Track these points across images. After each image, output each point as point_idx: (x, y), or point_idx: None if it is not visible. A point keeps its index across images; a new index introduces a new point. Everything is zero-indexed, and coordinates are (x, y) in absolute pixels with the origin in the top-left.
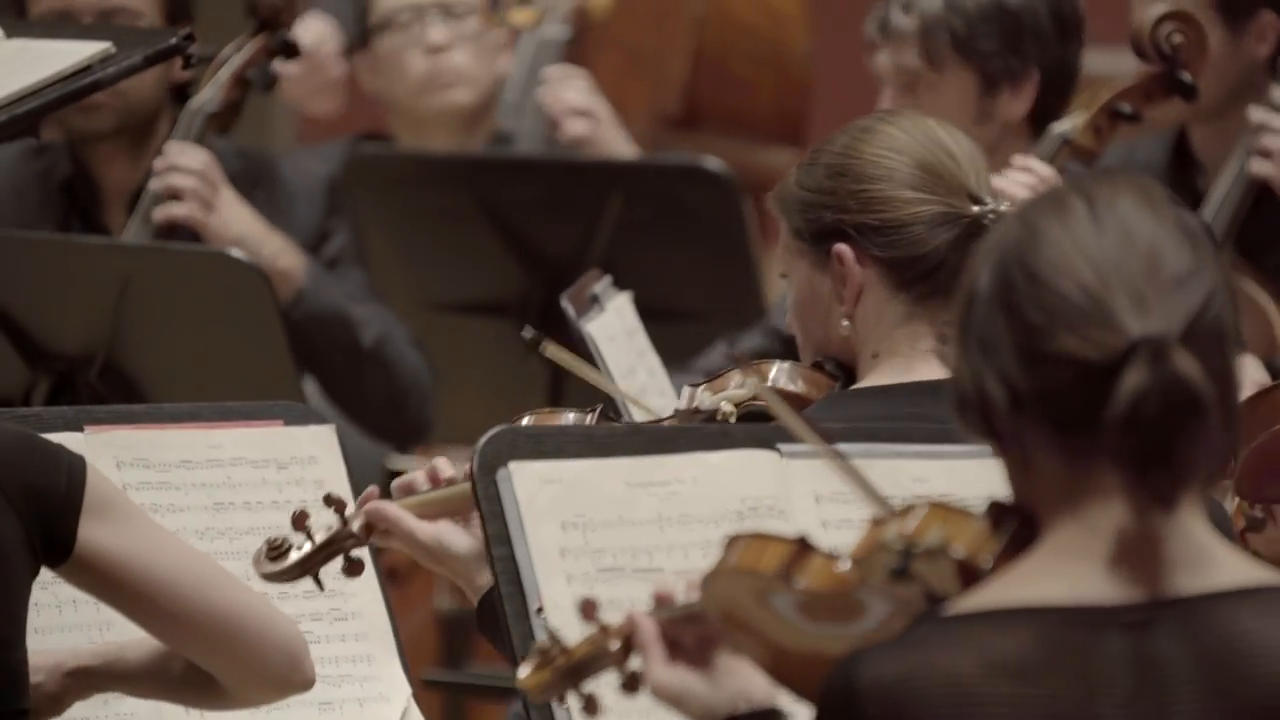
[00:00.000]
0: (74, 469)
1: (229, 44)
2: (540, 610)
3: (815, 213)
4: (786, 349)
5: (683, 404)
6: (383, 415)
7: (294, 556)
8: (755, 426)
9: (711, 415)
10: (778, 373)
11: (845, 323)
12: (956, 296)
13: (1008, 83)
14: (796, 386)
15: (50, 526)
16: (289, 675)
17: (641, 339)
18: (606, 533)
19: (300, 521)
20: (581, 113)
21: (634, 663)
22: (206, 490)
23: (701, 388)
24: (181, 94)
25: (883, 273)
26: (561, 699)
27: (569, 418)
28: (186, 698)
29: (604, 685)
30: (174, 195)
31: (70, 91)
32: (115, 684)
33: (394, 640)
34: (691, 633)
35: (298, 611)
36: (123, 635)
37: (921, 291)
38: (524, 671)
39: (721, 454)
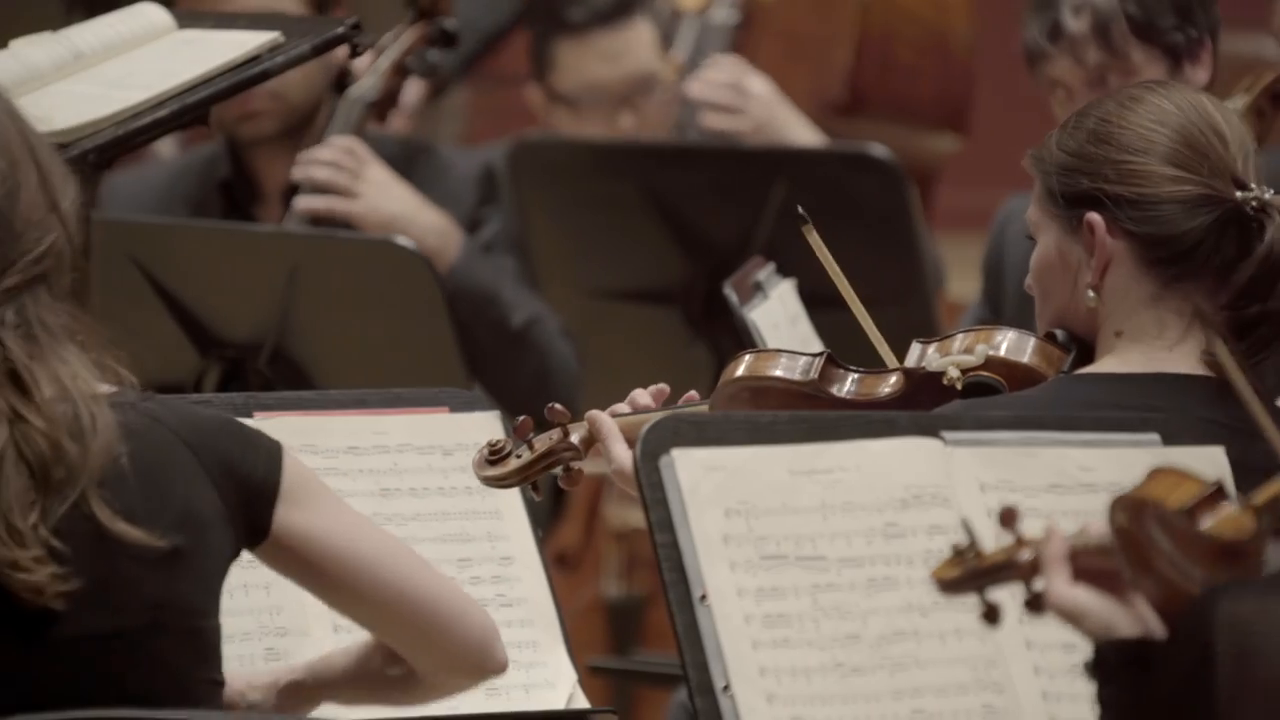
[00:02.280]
0: (272, 454)
1: (388, 33)
2: (704, 598)
3: (1072, 178)
4: None
5: (911, 361)
6: (527, 397)
7: (514, 463)
8: (919, 414)
9: (938, 376)
10: (1007, 341)
11: (1091, 294)
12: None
13: (1188, 56)
14: (1024, 358)
15: (248, 508)
16: (482, 661)
17: (805, 326)
18: (769, 520)
19: (522, 430)
20: (726, 109)
21: (1040, 583)
22: (373, 476)
23: (933, 347)
24: (340, 84)
25: (1133, 248)
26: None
27: (798, 361)
28: (391, 696)
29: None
30: (318, 188)
31: (239, 81)
32: (325, 692)
33: (559, 626)
34: (1097, 562)
35: None
36: (291, 620)
37: (1172, 273)
38: (938, 565)
39: (884, 441)
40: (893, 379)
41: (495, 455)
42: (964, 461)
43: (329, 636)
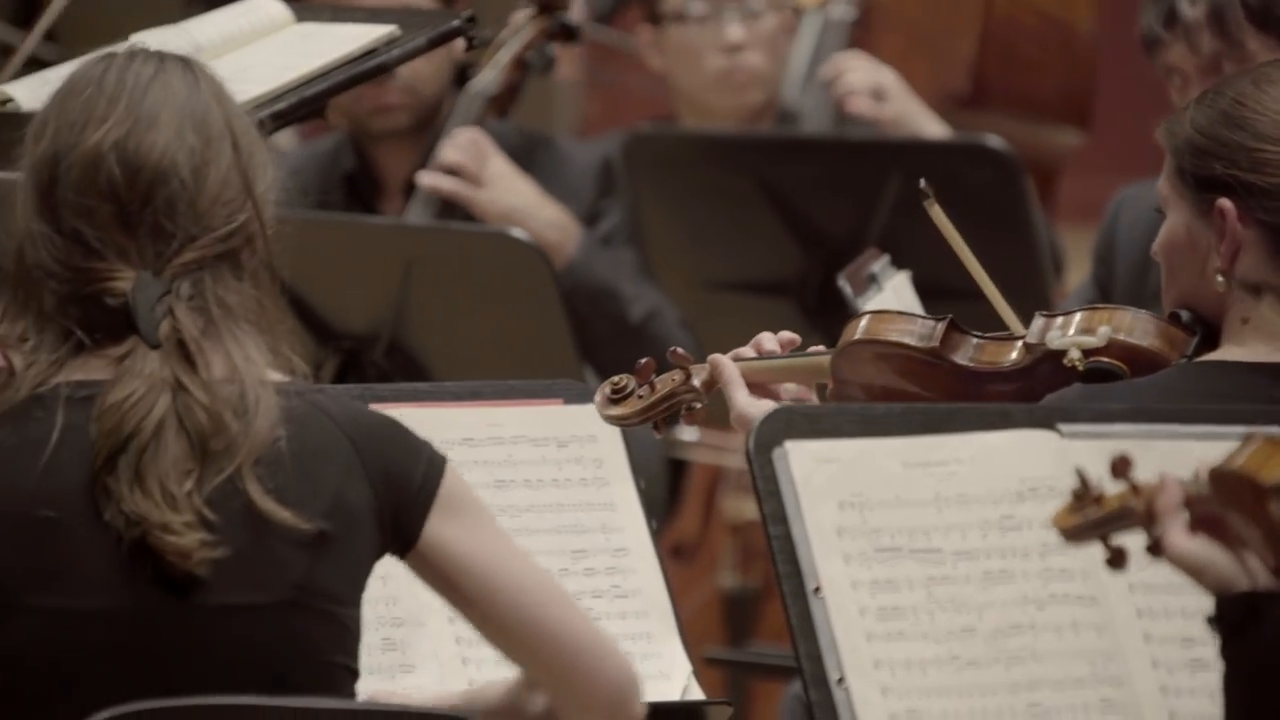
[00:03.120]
0: (433, 464)
1: (507, 26)
2: (818, 590)
3: (1203, 160)
4: None
5: (1033, 337)
6: None
7: (636, 403)
8: (1034, 407)
9: (1059, 355)
10: (1131, 323)
11: (1220, 279)
12: None
13: None
14: (1147, 340)
15: (400, 513)
16: (617, 708)
17: None
18: (884, 513)
19: (645, 371)
20: (875, 95)
21: (1159, 528)
22: (488, 468)
23: (1057, 321)
24: (461, 77)
25: (1265, 237)
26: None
27: (918, 324)
28: None
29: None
30: (445, 169)
31: (356, 74)
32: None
33: (674, 618)
34: (1212, 512)
35: (578, 589)
36: (407, 611)
37: None
38: (1058, 513)
39: (999, 434)
40: (1015, 349)
41: (618, 394)
42: (1080, 454)
43: (445, 628)
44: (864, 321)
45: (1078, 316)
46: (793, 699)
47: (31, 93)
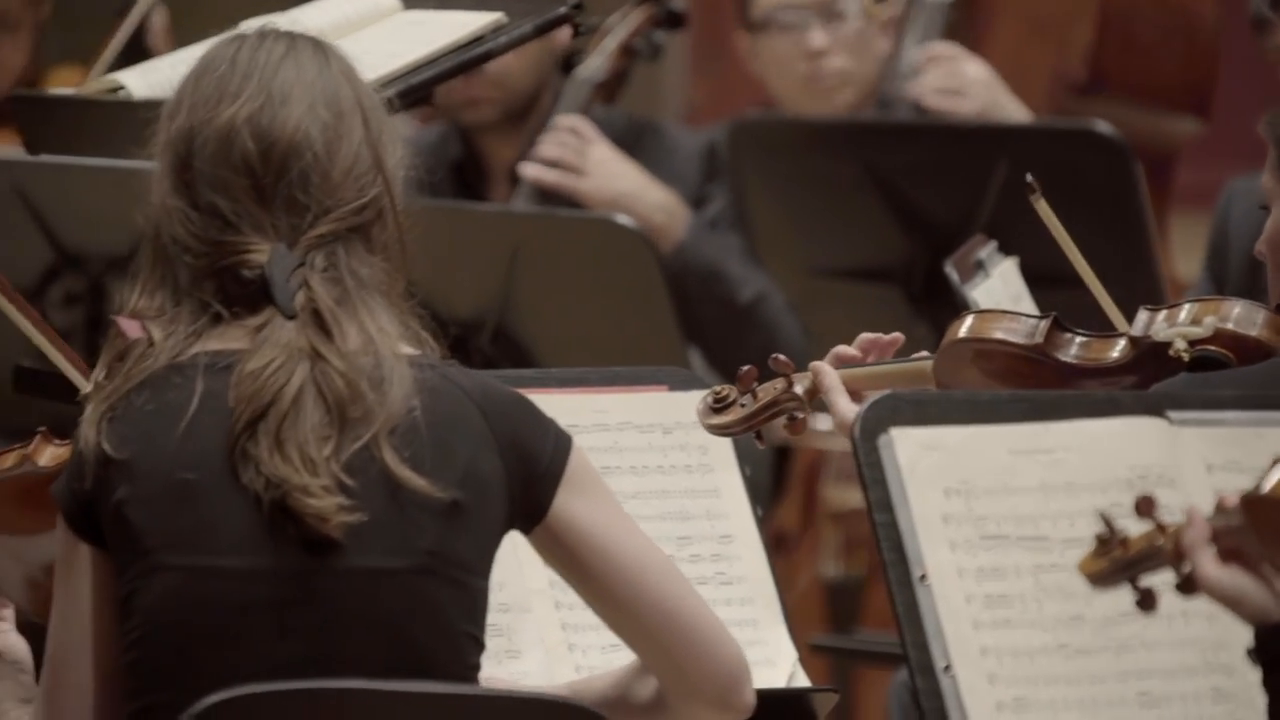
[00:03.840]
0: (561, 440)
1: (615, 13)
2: (924, 577)
3: None
4: None
5: (1137, 329)
6: None
7: (738, 412)
8: (1143, 394)
9: (1165, 346)
10: (1237, 313)
11: None
12: None
13: None
14: (1254, 330)
15: (529, 486)
16: (729, 695)
17: (1028, 304)
18: (990, 500)
19: (747, 379)
20: (951, 91)
21: (1188, 565)
22: (594, 455)
23: (1160, 315)
24: (567, 64)
25: None
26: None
27: (1024, 322)
28: None
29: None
30: (546, 162)
31: (463, 61)
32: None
33: (779, 604)
34: (1242, 543)
35: None
36: (513, 596)
37: None
38: (1083, 559)
39: (1107, 421)
40: (1119, 345)
41: (719, 403)
42: (1190, 442)
43: (550, 614)
44: (968, 320)
45: (1183, 309)
46: (900, 686)
47: (142, 79)
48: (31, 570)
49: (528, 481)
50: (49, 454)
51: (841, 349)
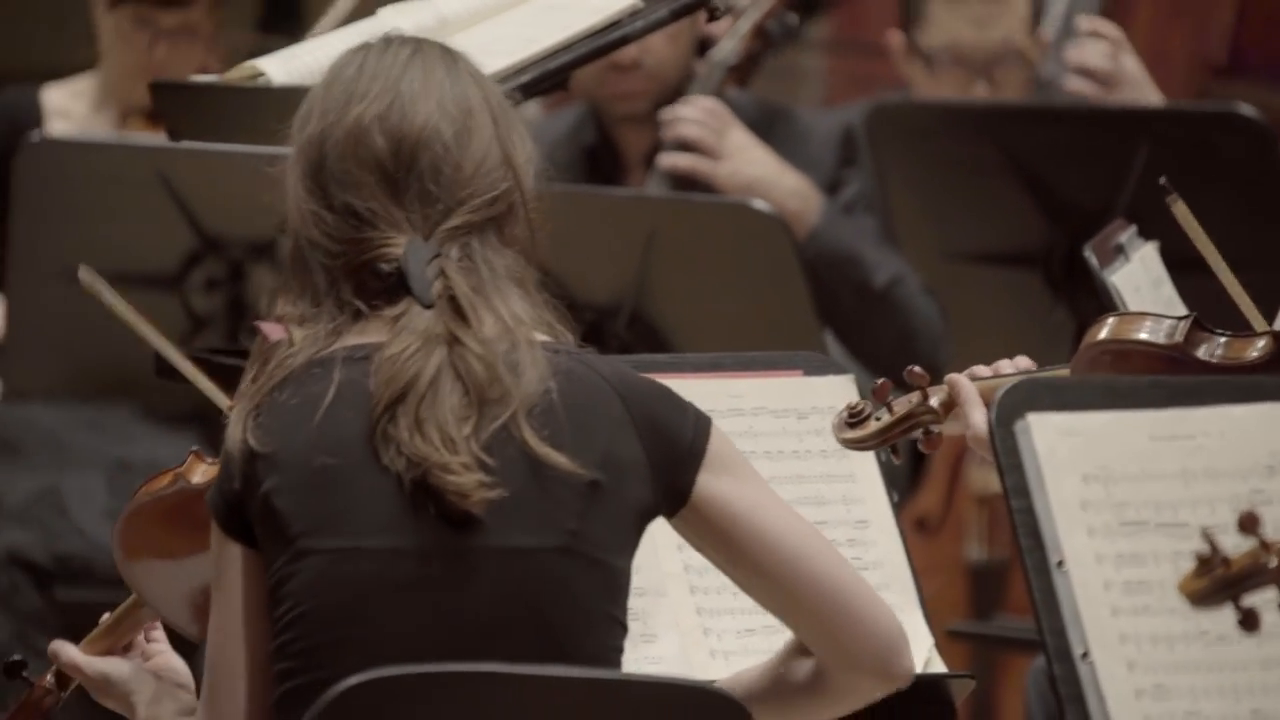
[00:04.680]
0: (700, 422)
1: None
2: (1062, 563)
3: None
4: None
5: None
6: (892, 357)
7: (873, 426)
8: None
9: None
10: None
11: None
12: None
13: None
14: None
15: (672, 469)
16: (887, 663)
17: (1168, 289)
18: (1129, 486)
19: (881, 393)
20: (1091, 73)
21: None
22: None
23: None
24: (701, 47)
25: None
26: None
27: (1164, 324)
28: (800, 703)
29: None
30: (682, 146)
31: (599, 46)
32: (746, 701)
33: (915, 590)
34: None
35: None
36: (648, 580)
37: None
38: (1184, 578)
39: (1249, 407)
40: (1261, 343)
41: (854, 418)
42: None
43: (686, 599)
44: (1109, 323)
45: None
46: (1037, 672)
47: (282, 66)
48: (192, 593)
49: (669, 464)
50: (201, 472)
51: (978, 368)
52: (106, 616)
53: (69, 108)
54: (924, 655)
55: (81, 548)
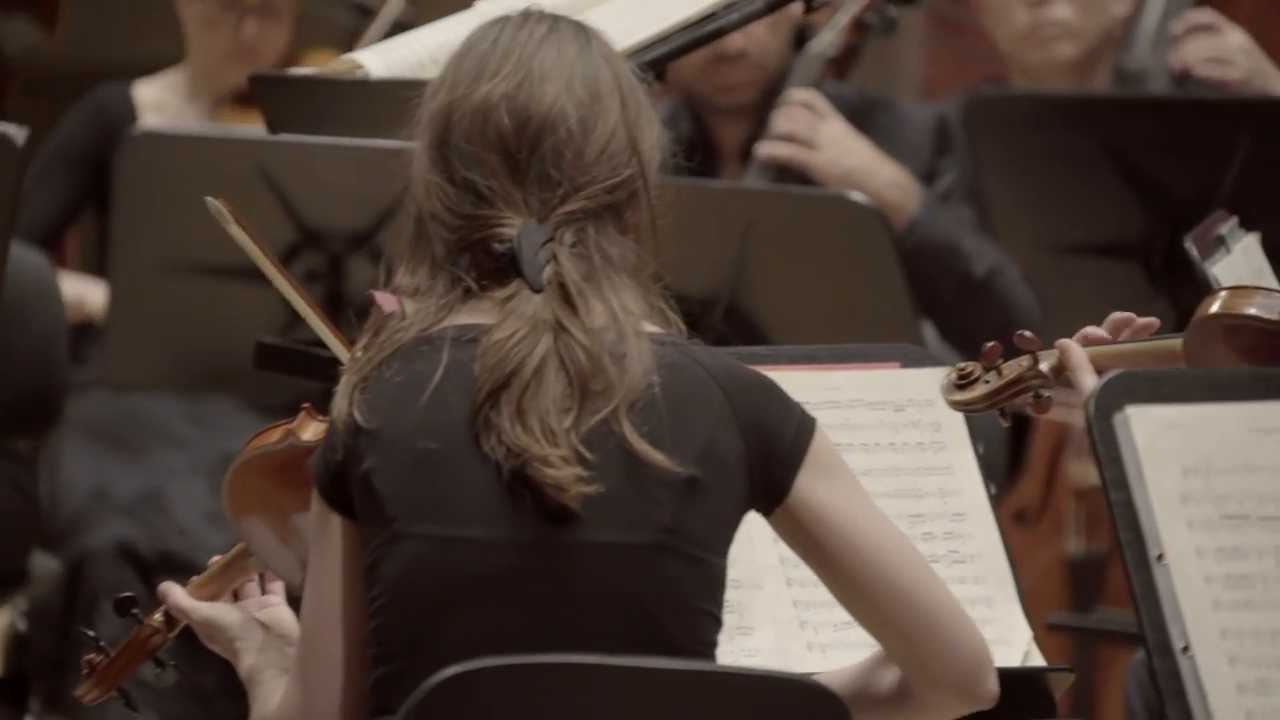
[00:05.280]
0: (805, 422)
1: None
2: (1161, 557)
3: None
4: None
5: None
6: None
7: (981, 388)
8: None
9: None
10: None
11: None
12: None
13: None
14: None
15: (771, 467)
16: (972, 683)
17: (1269, 280)
18: (1230, 479)
19: (991, 356)
20: (1216, 60)
21: None
22: (825, 431)
23: None
24: (799, 39)
25: None
26: None
27: (1273, 298)
28: (885, 714)
29: None
30: (779, 136)
31: (695, 38)
32: None
33: (1013, 583)
34: None
35: None
36: (744, 573)
37: None
38: None
39: None
40: None
41: (963, 380)
42: None
43: (782, 591)
44: (1221, 296)
45: None
46: (1138, 665)
47: (380, 59)
48: (296, 546)
49: (769, 462)
50: (312, 429)
51: (1090, 329)
52: (215, 560)
53: (162, 101)
54: (1023, 648)
55: (184, 547)
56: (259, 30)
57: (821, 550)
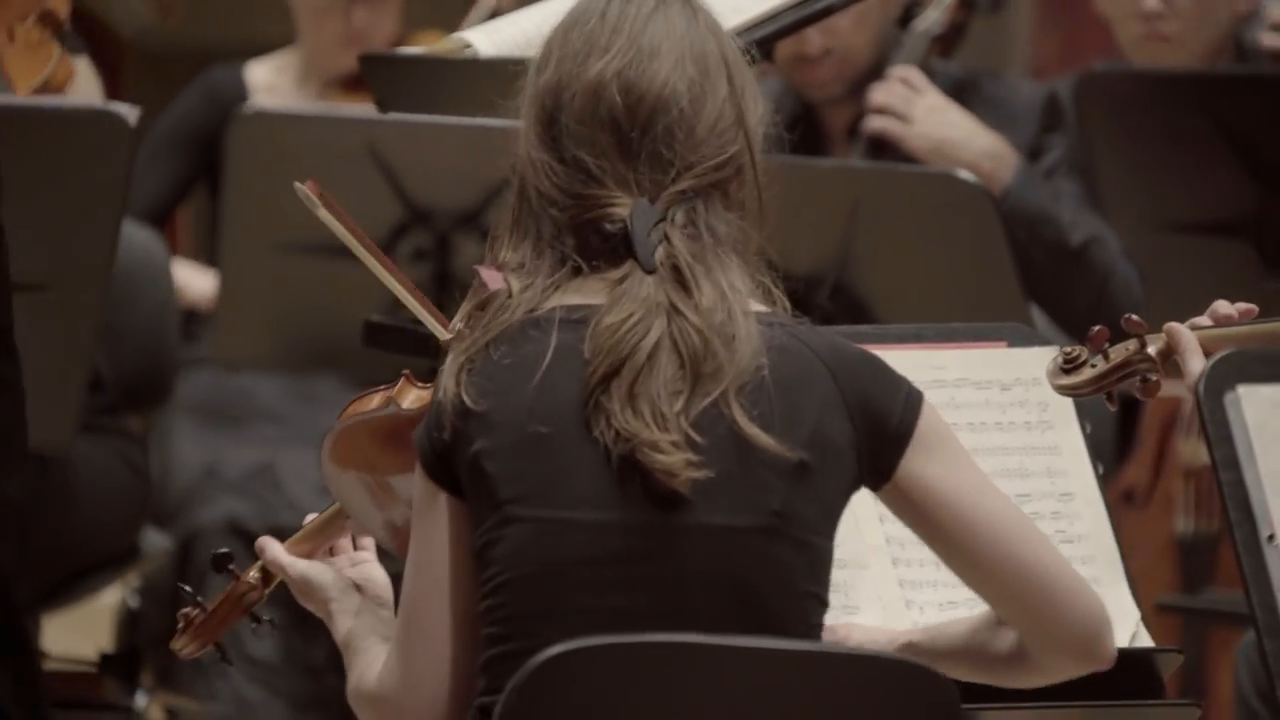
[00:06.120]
0: (912, 398)
1: None
2: (1272, 538)
3: None
4: None
5: None
6: (1089, 318)
7: (1088, 372)
8: None
9: None
10: None
11: None
12: None
13: None
14: None
15: (878, 446)
16: (1090, 646)
17: None
18: None
19: (1098, 339)
20: None
21: None
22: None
23: None
24: (905, 17)
25: None
26: None
27: None
28: (998, 672)
29: None
30: (874, 109)
31: (804, 16)
32: (937, 660)
33: (1121, 564)
34: None
35: None
36: (849, 553)
37: None
38: None
39: None
40: None
41: (1070, 364)
42: None
43: (888, 571)
44: None
45: None
46: (1248, 647)
47: (488, 38)
48: (394, 510)
49: (877, 441)
50: (412, 396)
51: (1196, 319)
52: (312, 518)
53: (274, 83)
54: (1131, 629)
55: (295, 521)
56: (369, 16)
57: (933, 525)
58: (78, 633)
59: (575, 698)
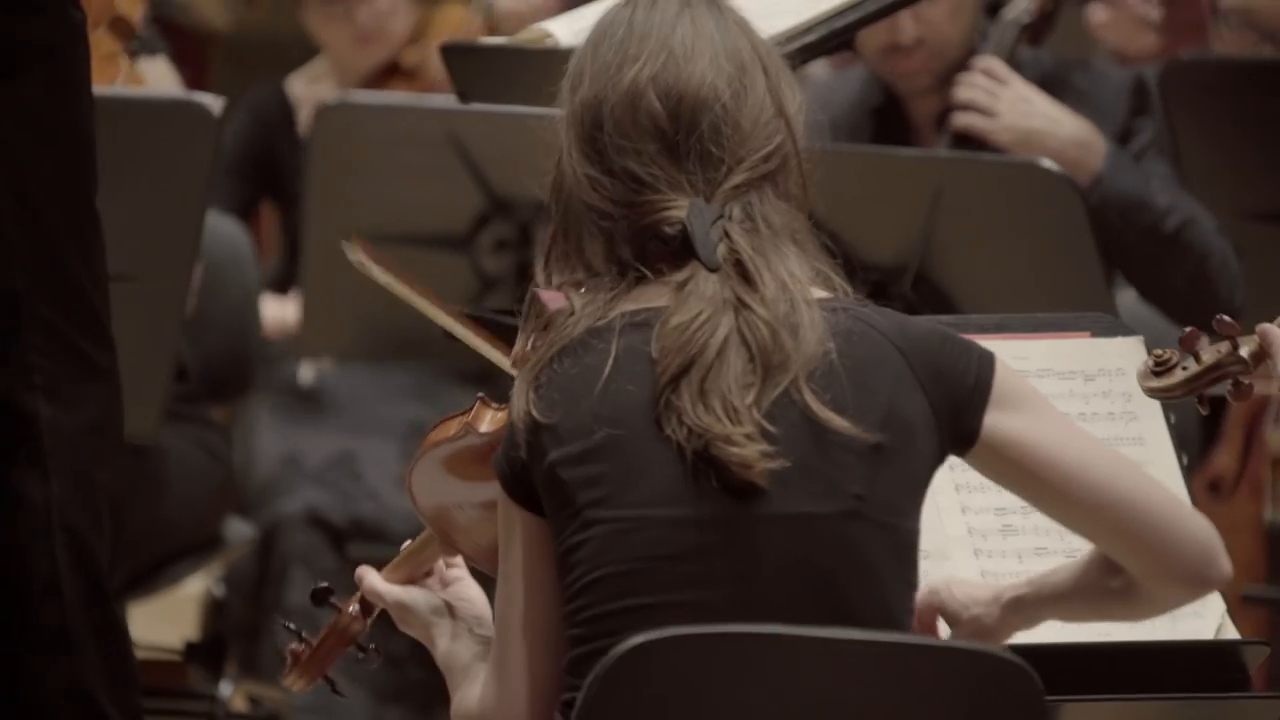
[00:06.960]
0: (984, 360)
1: None
2: None
3: None
4: None
5: None
6: (1187, 299)
7: (1179, 375)
8: None
9: None
10: None
11: None
12: None
13: None
14: None
15: (957, 413)
16: (1202, 569)
17: None
18: None
19: (1189, 341)
20: None
21: None
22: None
23: None
24: (993, 7)
25: None
26: None
27: None
28: (1112, 610)
29: None
30: (960, 105)
31: (887, 4)
32: (1047, 606)
33: None
34: None
35: None
36: (931, 543)
37: None
38: None
39: None
40: None
41: (1160, 367)
42: None
43: (970, 562)
44: None
45: None
46: None
47: (568, 27)
48: (483, 532)
49: (955, 406)
50: (489, 419)
51: None
52: (407, 544)
53: (313, 93)
54: (1216, 621)
55: (375, 511)
56: (372, 13)
57: (1028, 475)
58: (163, 621)
59: (654, 689)
